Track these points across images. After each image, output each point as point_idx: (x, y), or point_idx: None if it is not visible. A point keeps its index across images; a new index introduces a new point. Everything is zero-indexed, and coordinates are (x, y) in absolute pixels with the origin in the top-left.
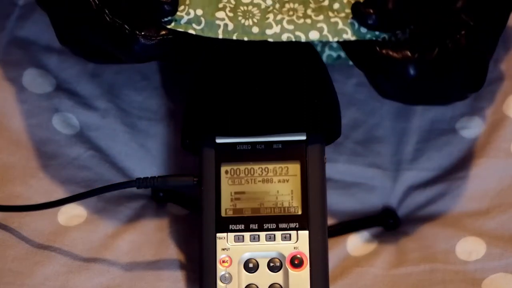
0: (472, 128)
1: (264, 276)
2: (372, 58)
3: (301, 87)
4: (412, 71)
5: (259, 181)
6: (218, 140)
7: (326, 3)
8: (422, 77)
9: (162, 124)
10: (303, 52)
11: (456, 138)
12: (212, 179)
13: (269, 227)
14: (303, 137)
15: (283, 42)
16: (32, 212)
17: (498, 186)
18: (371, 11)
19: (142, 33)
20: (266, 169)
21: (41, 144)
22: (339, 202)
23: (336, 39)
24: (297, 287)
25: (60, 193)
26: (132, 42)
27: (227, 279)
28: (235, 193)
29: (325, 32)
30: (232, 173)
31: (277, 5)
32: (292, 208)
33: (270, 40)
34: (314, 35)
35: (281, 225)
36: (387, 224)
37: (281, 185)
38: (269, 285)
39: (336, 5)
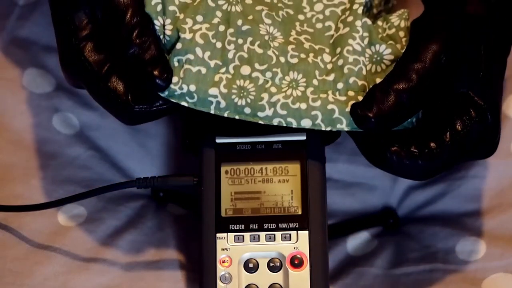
0: None
1: (264, 276)
2: (377, 152)
3: None
4: (420, 169)
5: (259, 181)
6: (218, 140)
7: (331, 77)
8: (430, 170)
9: (162, 124)
10: None
11: None
12: (212, 179)
13: (269, 227)
14: (303, 137)
15: None
16: (32, 212)
17: (498, 186)
18: (370, 115)
19: (137, 103)
20: (266, 169)
21: (41, 144)
22: (339, 202)
23: (329, 129)
24: (297, 287)
25: (60, 193)
26: (125, 111)
27: (227, 279)
28: (235, 193)
29: (319, 120)
30: (232, 173)
31: (278, 76)
32: (292, 208)
33: (261, 122)
34: (306, 123)
35: (281, 225)
36: (387, 224)
37: (281, 185)
38: (269, 285)
39: (340, 85)
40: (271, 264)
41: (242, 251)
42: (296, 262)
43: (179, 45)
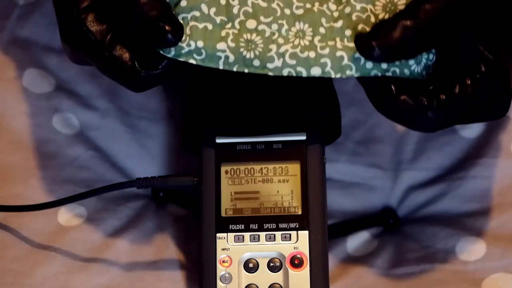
0: (472, 128)
1: (264, 276)
2: (386, 101)
3: (301, 86)
4: (428, 120)
5: (259, 181)
6: (218, 140)
7: (339, 24)
8: (439, 122)
9: (162, 124)
10: None
11: (456, 138)
12: (212, 179)
13: (269, 227)
14: (303, 137)
15: None
16: (32, 212)
17: (498, 186)
18: (374, 44)
19: (143, 68)
20: (266, 169)
21: (41, 144)
22: (339, 202)
23: (339, 76)
24: (297, 287)
25: (60, 193)
26: (132, 77)
27: (227, 279)
28: (235, 193)
29: (328, 68)
30: (232, 173)
31: (284, 27)
32: (292, 208)
33: (271, 74)
34: (316, 71)
35: (281, 225)
36: (387, 224)
37: (281, 185)
38: (269, 285)
39: (348, 32)
40: (271, 264)
41: (242, 251)
42: (296, 262)
43: (183, 3)
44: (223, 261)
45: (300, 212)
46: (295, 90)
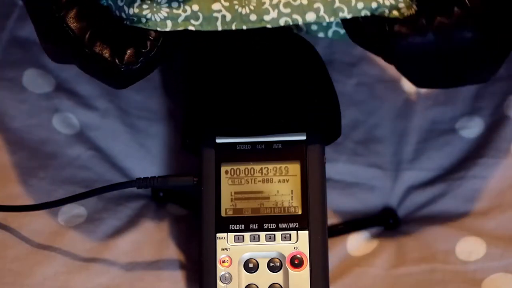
0: (472, 128)
1: (264, 276)
2: (357, 26)
3: (301, 87)
4: (392, 48)
5: (259, 181)
6: (218, 140)
7: None
8: (405, 54)
9: (162, 124)
10: (303, 52)
11: (456, 138)
12: (212, 179)
13: (269, 227)
14: (303, 137)
15: (283, 38)
16: (32, 212)
17: (498, 186)
18: None
19: (123, 62)
20: (266, 169)
21: (41, 144)
22: (339, 202)
23: (332, 19)
24: (297, 287)
25: (60, 193)
26: (113, 73)
27: (227, 279)
28: (235, 193)
29: (322, 12)
30: (232, 173)
31: None
32: (292, 208)
33: (269, 26)
34: (310, 17)
35: (281, 225)
36: (387, 224)
37: (281, 185)
38: (269, 285)
39: None
40: (271, 264)
41: (242, 251)
42: (296, 262)
43: None
44: (223, 261)
45: (300, 212)
46: (295, 91)
